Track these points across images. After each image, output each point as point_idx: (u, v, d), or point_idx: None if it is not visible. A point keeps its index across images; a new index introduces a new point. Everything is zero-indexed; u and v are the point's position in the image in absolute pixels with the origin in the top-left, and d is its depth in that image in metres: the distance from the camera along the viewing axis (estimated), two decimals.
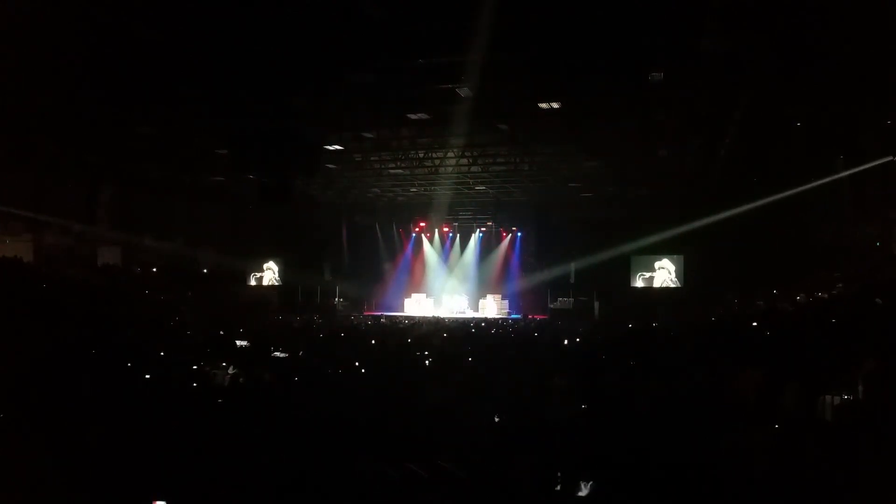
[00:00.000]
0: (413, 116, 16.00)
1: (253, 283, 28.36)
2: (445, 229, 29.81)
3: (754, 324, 12.31)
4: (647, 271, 24.73)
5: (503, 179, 23.45)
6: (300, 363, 8.47)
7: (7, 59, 11.58)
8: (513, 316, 25.37)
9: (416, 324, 18.25)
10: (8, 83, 12.76)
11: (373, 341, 11.62)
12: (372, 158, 21.09)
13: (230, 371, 7.24)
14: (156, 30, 11.03)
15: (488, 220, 28.70)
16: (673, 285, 24.35)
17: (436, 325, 17.77)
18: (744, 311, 17.67)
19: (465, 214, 29.07)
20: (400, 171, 22.19)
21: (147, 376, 6.89)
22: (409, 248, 30.16)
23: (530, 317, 23.65)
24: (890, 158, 16.80)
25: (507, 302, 27.67)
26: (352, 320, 21.47)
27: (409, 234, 29.97)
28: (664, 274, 24.50)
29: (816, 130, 16.35)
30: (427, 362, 8.52)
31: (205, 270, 26.45)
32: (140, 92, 13.81)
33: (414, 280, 29.81)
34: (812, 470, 3.66)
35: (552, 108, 14.77)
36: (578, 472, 3.66)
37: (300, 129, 13.22)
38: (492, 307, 26.99)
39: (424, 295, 28.66)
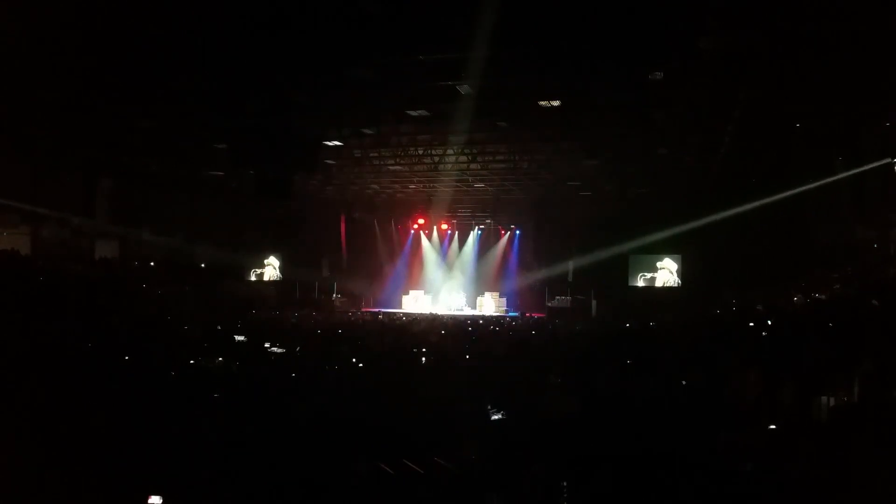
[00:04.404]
0: (413, 113, 15.96)
1: (253, 278, 28.33)
2: (444, 226, 29.76)
3: (751, 324, 12.32)
4: (649, 271, 24.68)
5: (502, 177, 23.42)
6: (297, 359, 8.47)
7: (6, 52, 11.54)
8: (510, 314, 25.37)
9: (414, 321, 18.25)
10: (6, 76, 12.72)
11: (370, 338, 11.62)
12: (371, 155, 21.04)
13: (227, 366, 7.24)
14: (155, 24, 11.00)
15: (487, 217, 28.68)
16: (674, 285, 24.34)
17: (433, 322, 17.76)
18: (741, 311, 17.66)
19: (464, 212, 29.05)
20: (399, 167, 22.15)
21: (144, 370, 6.89)
22: (407, 245, 30.14)
23: (528, 315, 23.65)
24: (889, 160, 16.81)
25: (504, 300, 27.67)
26: (349, 316, 21.46)
27: (408, 230, 29.94)
28: (666, 274, 24.47)
29: (816, 131, 16.35)
30: (424, 359, 8.53)
31: (203, 265, 26.40)
32: (139, 85, 13.78)
33: (412, 277, 29.80)
34: (807, 470, 3.66)
35: (552, 106, 14.75)
36: (574, 469, 3.66)
37: (299, 125, 13.21)
38: (490, 305, 26.98)
39: (422, 292, 28.66)
